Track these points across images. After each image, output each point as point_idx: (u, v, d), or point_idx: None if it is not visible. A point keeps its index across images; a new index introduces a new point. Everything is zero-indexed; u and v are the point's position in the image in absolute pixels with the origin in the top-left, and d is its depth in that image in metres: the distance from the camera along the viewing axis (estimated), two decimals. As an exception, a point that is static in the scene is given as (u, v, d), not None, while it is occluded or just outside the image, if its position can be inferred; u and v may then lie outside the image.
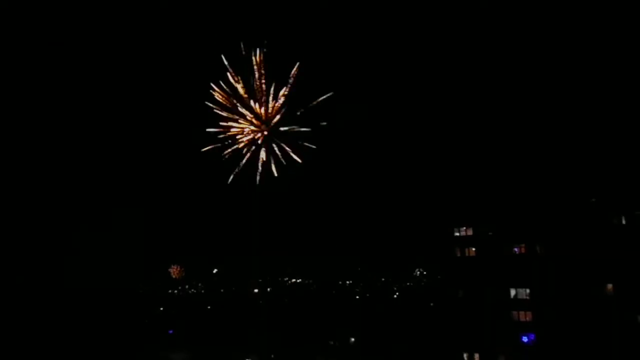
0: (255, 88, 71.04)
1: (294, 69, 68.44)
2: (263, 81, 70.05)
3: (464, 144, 72.93)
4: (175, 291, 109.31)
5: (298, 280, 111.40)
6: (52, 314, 69.97)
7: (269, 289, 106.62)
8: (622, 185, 52.70)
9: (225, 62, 68.13)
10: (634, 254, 50.01)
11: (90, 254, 76.61)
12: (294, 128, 71.84)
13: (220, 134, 76.25)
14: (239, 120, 73.09)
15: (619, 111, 59.57)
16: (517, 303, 56.66)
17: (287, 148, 72.54)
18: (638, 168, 52.78)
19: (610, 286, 51.70)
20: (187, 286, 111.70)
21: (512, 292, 57.09)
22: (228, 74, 70.04)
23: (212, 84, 70.49)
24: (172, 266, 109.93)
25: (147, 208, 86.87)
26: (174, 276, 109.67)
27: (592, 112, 62.24)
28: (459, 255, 61.75)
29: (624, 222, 52.01)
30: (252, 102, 72.11)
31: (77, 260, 75.46)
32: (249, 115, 73.05)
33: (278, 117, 72.28)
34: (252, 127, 72.93)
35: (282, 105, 71.04)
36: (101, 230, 78.60)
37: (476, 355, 58.87)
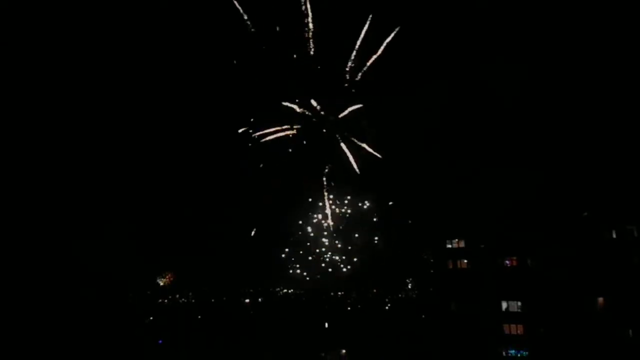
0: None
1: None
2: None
3: (456, 155, 73.30)
4: (165, 300, 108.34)
5: (290, 291, 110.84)
6: (39, 322, 69.11)
7: (260, 299, 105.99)
8: (613, 199, 53.17)
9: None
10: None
11: (80, 261, 75.88)
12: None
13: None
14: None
15: (611, 126, 60.25)
16: (509, 316, 56.79)
17: None
18: (629, 182, 53.33)
19: (601, 300, 51.98)
20: (177, 295, 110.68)
21: (504, 304, 57.23)
22: None
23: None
24: (163, 275, 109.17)
25: (139, 215, 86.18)
26: (164, 284, 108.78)
27: (583, 125, 62.89)
28: (451, 267, 61.89)
29: (614, 235, 52.49)
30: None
31: (66, 267, 74.71)
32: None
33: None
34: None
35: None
36: (91, 237, 77.93)
37: (467, 368, 58.84)
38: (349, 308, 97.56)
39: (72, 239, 76.62)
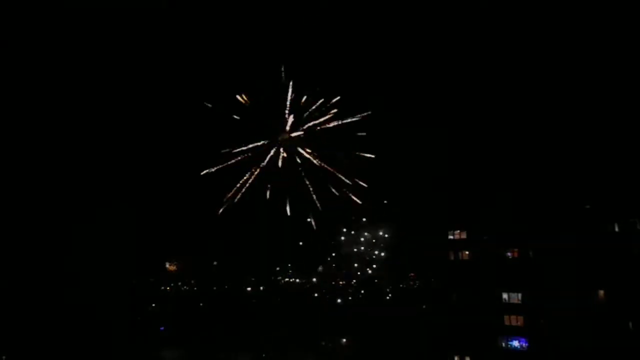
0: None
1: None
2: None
3: (458, 147, 73.16)
4: (168, 288, 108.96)
5: (291, 280, 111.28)
6: (42, 310, 69.61)
7: (262, 288, 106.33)
8: (616, 192, 52.99)
9: None
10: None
11: (83, 249, 76.23)
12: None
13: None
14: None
15: (613, 119, 59.91)
16: (509, 307, 56.95)
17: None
18: (632, 175, 53.11)
19: (602, 292, 52.01)
20: (179, 283, 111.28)
21: (505, 296, 57.36)
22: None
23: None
24: (165, 263, 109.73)
25: (142, 203, 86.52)
26: (171, 270, 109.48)
27: (587, 118, 62.57)
28: (452, 258, 61.99)
29: (617, 229, 52.37)
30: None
31: (69, 255, 75.06)
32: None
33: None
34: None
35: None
36: (94, 225, 78.21)
37: (467, 359, 59.14)
38: (350, 297, 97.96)
39: (75, 226, 76.94)
